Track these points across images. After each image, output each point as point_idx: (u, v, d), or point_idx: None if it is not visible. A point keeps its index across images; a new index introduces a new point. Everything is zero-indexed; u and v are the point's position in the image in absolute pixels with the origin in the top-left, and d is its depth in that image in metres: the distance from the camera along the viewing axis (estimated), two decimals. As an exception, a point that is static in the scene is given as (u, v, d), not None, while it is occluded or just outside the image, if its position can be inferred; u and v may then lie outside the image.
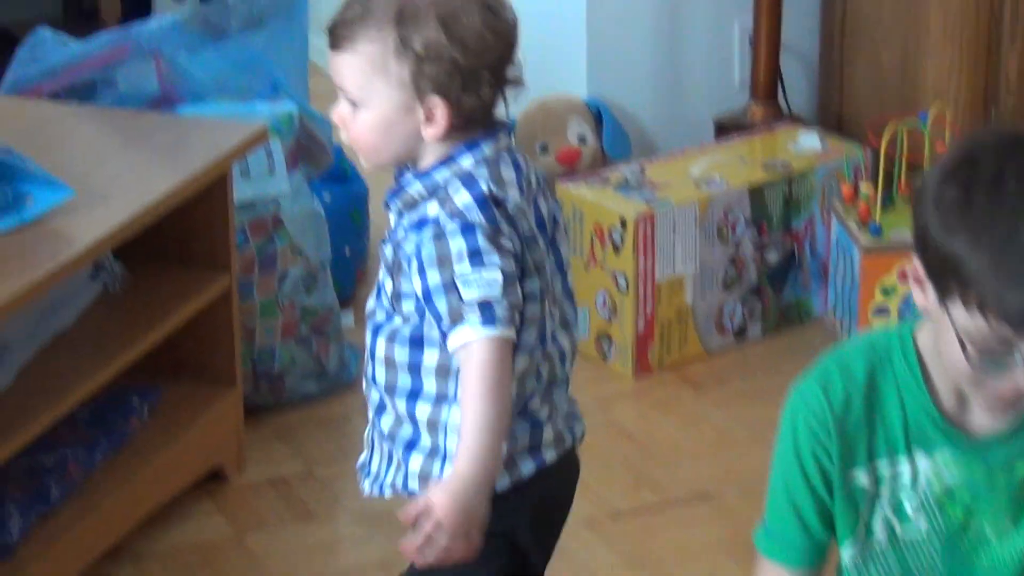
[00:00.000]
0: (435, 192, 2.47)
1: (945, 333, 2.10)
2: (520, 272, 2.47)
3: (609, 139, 4.44)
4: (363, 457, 2.70)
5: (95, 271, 3.34)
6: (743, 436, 3.74)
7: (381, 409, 2.61)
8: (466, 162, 2.44)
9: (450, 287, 2.42)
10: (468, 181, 2.45)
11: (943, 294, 2.07)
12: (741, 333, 4.10)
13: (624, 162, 4.26)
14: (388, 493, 2.64)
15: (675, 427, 3.83)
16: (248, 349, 3.78)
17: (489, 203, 2.42)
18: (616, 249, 3.92)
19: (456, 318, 2.41)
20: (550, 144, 4.41)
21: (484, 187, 2.43)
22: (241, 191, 3.65)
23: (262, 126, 3.56)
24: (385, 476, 2.64)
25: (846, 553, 2.30)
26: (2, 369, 3.14)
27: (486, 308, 2.41)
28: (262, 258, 3.80)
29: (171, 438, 3.39)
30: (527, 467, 2.58)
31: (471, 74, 2.39)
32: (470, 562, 2.50)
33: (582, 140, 4.41)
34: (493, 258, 2.40)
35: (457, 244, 2.42)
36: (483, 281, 2.41)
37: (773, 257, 4.09)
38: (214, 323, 3.54)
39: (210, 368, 3.60)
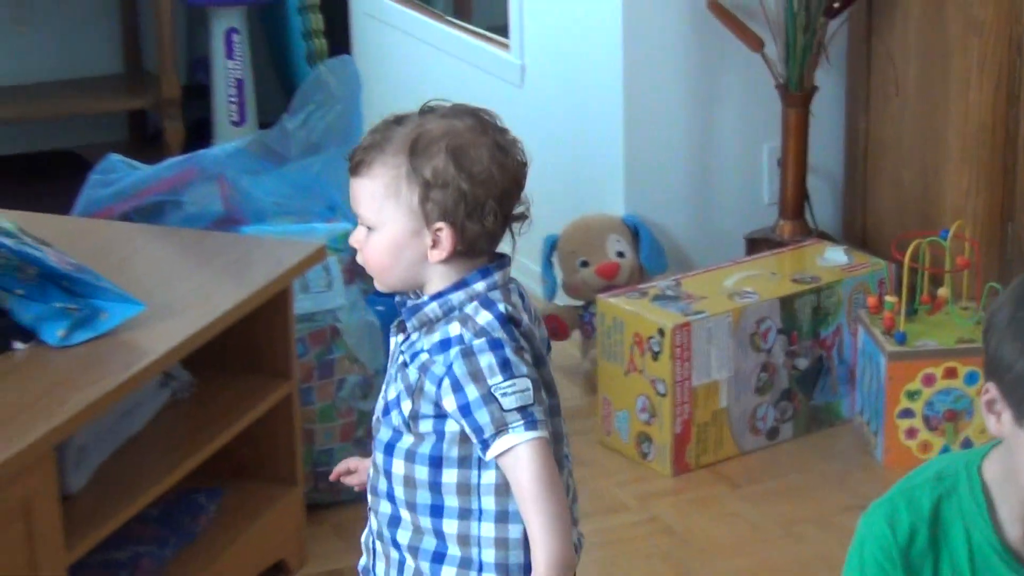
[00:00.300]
0: (451, 313, 2.47)
1: (1021, 454, 2.16)
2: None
3: (646, 254, 4.47)
4: (364, 562, 2.68)
5: (165, 379, 3.37)
6: (775, 531, 3.74)
7: (395, 522, 2.56)
8: (479, 286, 2.45)
9: (489, 399, 2.41)
10: (486, 302, 2.46)
11: (1022, 414, 2.13)
12: (773, 434, 4.13)
13: (661, 276, 4.32)
14: None
15: (712, 522, 3.82)
16: (308, 450, 3.78)
17: (509, 322, 2.44)
18: (655, 356, 3.96)
19: (500, 427, 2.40)
20: (590, 259, 4.43)
21: (502, 308, 2.44)
22: (301, 304, 3.68)
23: (320, 244, 3.60)
24: None
25: None
26: (79, 470, 3.16)
27: (527, 414, 2.40)
28: (321, 366, 3.82)
29: (236, 534, 3.40)
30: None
31: (476, 203, 2.39)
32: None
33: (621, 255, 4.43)
34: (522, 368, 2.39)
35: (487, 359, 2.42)
36: (518, 389, 2.41)
37: (803, 363, 4.13)
38: (276, 426, 3.55)
39: (272, 468, 3.60)
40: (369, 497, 2.62)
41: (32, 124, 5.94)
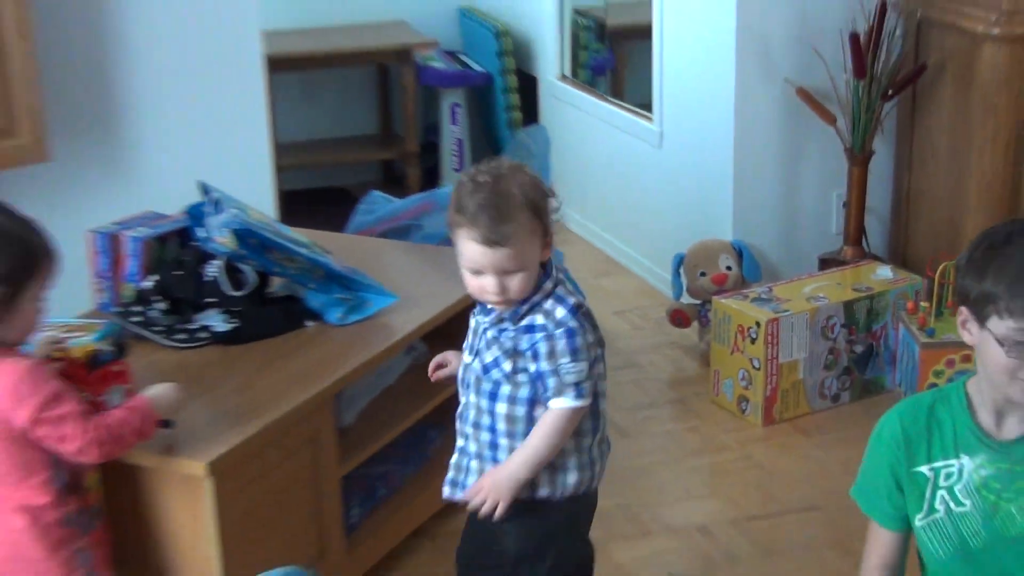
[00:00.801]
0: (534, 308, 2.50)
1: (987, 350, 2.16)
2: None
3: (747, 268, 4.45)
4: (452, 476, 2.67)
5: (409, 349, 3.39)
6: (836, 468, 3.71)
7: (495, 447, 2.58)
8: (548, 285, 2.49)
9: (555, 373, 2.49)
10: (558, 298, 2.50)
11: (983, 321, 2.15)
12: (836, 399, 4.10)
13: (757, 284, 4.31)
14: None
15: (790, 460, 3.81)
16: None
17: (578, 311, 2.49)
18: (752, 341, 3.96)
19: (557, 392, 2.49)
20: (707, 271, 4.41)
21: (572, 301, 2.50)
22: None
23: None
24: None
25: (917, 522, 2.30)
26: (349, 411, 3.20)
27: (578, 388, 2.49)
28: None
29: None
30: (582, 487, 2.61)
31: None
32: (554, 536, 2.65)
33: (729, 268, 4.41)
34: (584, 354, 2.48)
35: (561, 344, 2.48)
36: (576, 370, 2.48)
37: (859, 349, 4.11)
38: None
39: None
40: (469, 429, 2.62)
41: (315, 169, 6.03)
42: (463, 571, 2.82)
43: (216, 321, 3.14)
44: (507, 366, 2.53)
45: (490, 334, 2.55)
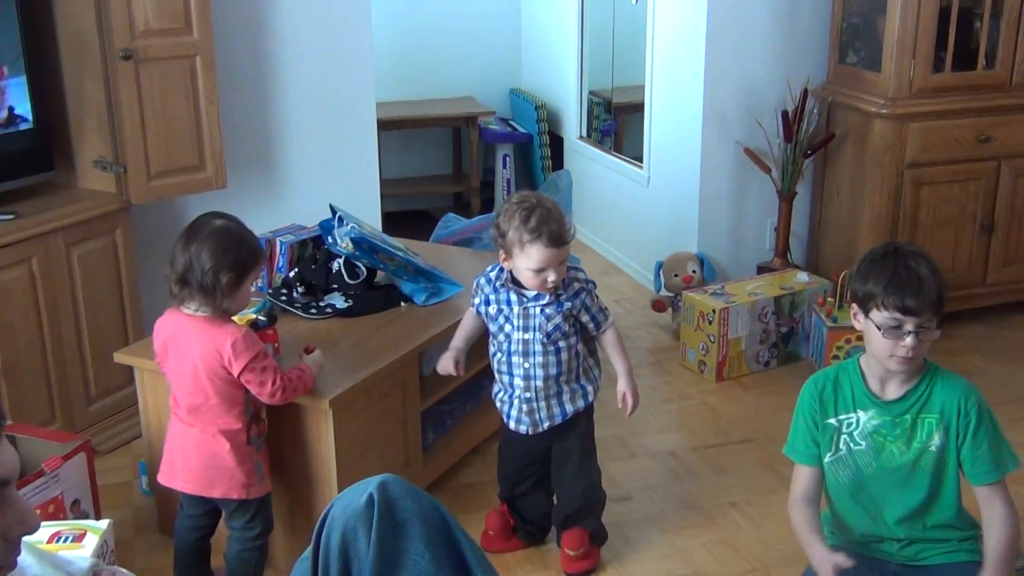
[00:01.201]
0: (572, 281, 2.58)
1: (870, 333, 2.18)
2: None
3: (707, 272, 4.38)
4: (523, 417, 2.65)
5: None
6: (767, 412, 3.66)
7: (560, 393, 2.63)
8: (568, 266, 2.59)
9: (599, 311, 2.61)
10: (575, 269, 2.62)
11: (866, 313, 2.17)
12: (767, 364, 4.02)
13: (714, 283, 4.23)
14: (558, 420, 2.66)
15: (735, 407, 3.75)
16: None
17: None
18: (710, 323, 3.89)
19: (603, 322, 2.61)
20: (679, 273, 4.35)
21: (582, 270, 2.65)
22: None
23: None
24: (555, 414, 2.65)
25: (827, 459, 2.29)
26: (429, 365, 3.10)
27: (609, 313, 2.66)
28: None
29: None
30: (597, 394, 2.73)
31: None
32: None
33: (694, 272, 4.35)
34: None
35: (594, 293, 2.61)
36: (604, 304, 2.65)
37: (784, 330, 4.03)
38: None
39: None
40: (537, 381, 2.61)
41: (409, 197, 6.00)
42: (512, 480, 2.81)
43: (338, 301, 3.13)
44: (566, 326, 2.56)
45: (549, 310, 2.55)
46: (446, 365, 2.70)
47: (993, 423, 2.24)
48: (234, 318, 2.54)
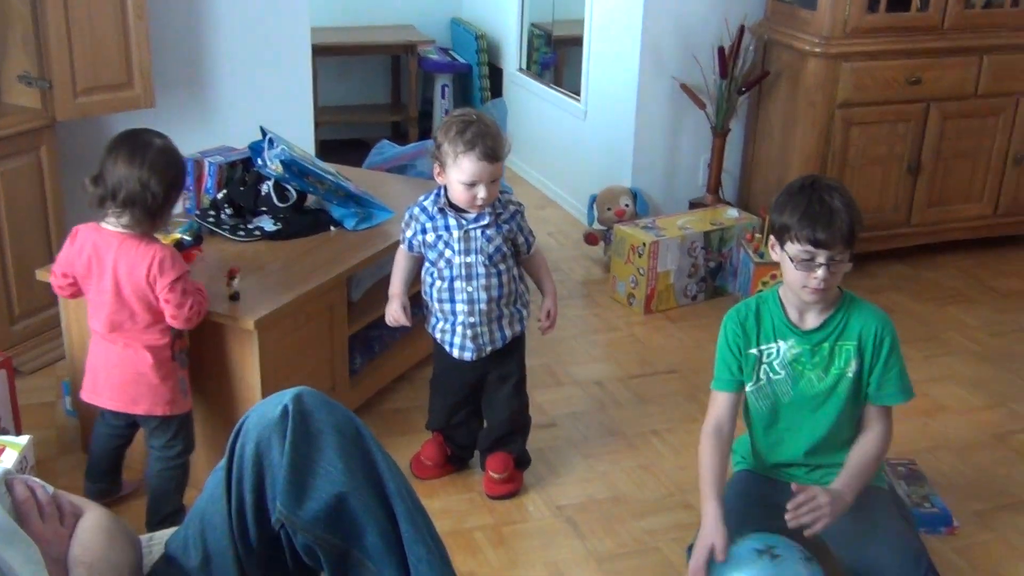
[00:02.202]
0: (505, 203, 2.61)
1: (785, 264, 2.23)
2: None
3: (640, 206, 4.40)
4: (468, 344, 2.66)
5: None
6: (692, 344, 3.71)
7: (499, 307, 2.65)
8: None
9: (529, 231, 2.66)
10: (506, 191, 2.65)
11: (782, 243, 2.21)
12: (695, 298, 4.07)
13: (646, 217, 4.25)
14: (499, 344, 2.69)
15: (661, 338, 3.79)
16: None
17: None
18: (640, 256, 3.92)
19: (532, 241, 2.66)
20: (612, 207, 4.36)
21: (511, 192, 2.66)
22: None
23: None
24: (496, 339, 2.68)
25: (748, 388, 2.35)
26: (358, 290, 3.16)
27: (535, 237, 2.70)
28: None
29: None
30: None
31: None
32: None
33: (627, 206, 4.36)
34: None
35: (525, 215, 2.65)
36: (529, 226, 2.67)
37: (712, 264, 4.07)
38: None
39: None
40: (481, 304, 2.62)
41: (344, 125, 5.94)
42: (449, 412, 2.85)
43: (267, 224, 3.11)
44: (505, 247, 2.59)
45: (490, 232, 2.57)
46: (396, 316, 2.69)
47: (898, 350, 2.32)
48: (160, 237, 2.51)
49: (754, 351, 2.32)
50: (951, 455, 3.06)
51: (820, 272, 2.16)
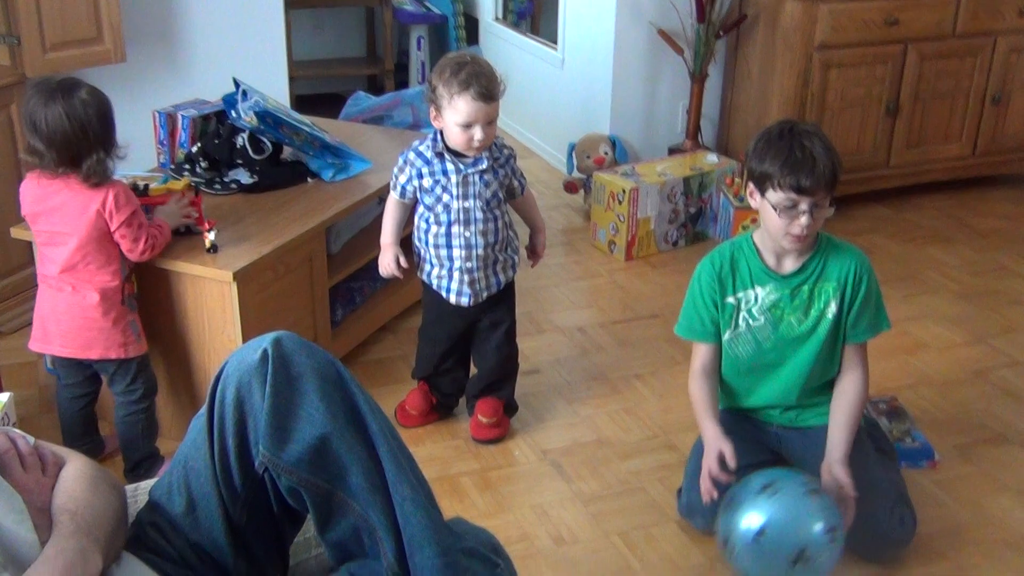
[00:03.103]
0: (500, 147, 2.60)
1: (766, 212, 2.21)
2: None
3: (619, 153, 4.39)
4: (465, 289, 2.66)
5: (379, 200, 3.23)
6: (674, 289, 3.71)
7: (496, 262, 2.66)
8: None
9: (521, 173, 2.66)
10: (500, 138, 2.61)
11: (763, 191, 2.19)
12: (675, 244, 4.07)
13: (625, 164, 4.24)
14: (495, 289, 2.70)
15: (642, 284, 3.79)
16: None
17: None
18: (620, 203, 3.92)
19: (524, 182, 2.67)
20: (591, 154, 4.35)
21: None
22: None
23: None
24: (492, 284, 2.69)
25: (725, 336, 2.36)
26: (337, 242, 3.17)
27: (525, 178, 2.67)
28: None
29: (413, 275, 3.40)
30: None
31: None
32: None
33: (606, 153, 4.35)
34: None
35: (516, 159, 2.65)
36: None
37: (692, 210, 4.07)
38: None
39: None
40: (479, 249, 2.61)
41: (319, 79, 5.89)
42: (438, 359, 2.84)
43: (243, 176, 3.08)
44: (501, 192, 2.59)
45: (488, 176, 2.56)
46: (389, 267, 2.69)
47: (878, 288, 2.34)
48: (171, 184, 2.58)
49: (731, 299, 2.33)
50: (932, 391, 3.08)
51: (803, 219, 2.15)
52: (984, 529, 2.49)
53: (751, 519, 2.10)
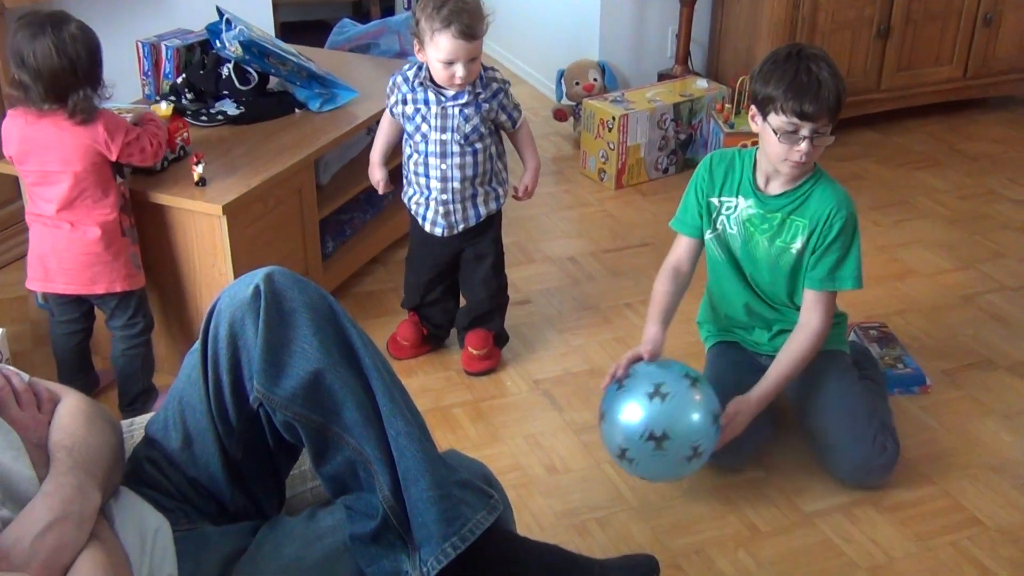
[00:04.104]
0: (488, 80, 2.55)
1: (766, 136, 2.22)
2: None
3: (608, 80, 4.35)
4: (439, 220, 2.65)
5: (368, 130, 3.26)
6: (664, 217, 3.56)
7: (475, 195, 2.65)
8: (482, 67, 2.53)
9: (514, 108, 2.62)
10: (490, 69, 2.56)
11: (764, 114, 2.19)
12: (665, 171, 4.06)
13: (615, 91, 4.21)
14: (472, 222, 2.68)
15: (632, 212, 3.79)
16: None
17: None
18: (609, 130, 3.90)
19: (517, 116, 2.61)
20: (580, 81, 4.32)
21: (497, 70, 2.58)
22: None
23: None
24: (470, 216, 2.67)
25: (707, 236, 2.40)
26: (326, 173, 3.15)
27: (522, 110, 2.64)
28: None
29: (398, 210, 3.35)
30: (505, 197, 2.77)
31: None
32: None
33: (595, 80, 4.32)
34: None
35: (510, 92, 2.60)
36: (516, 101, 2.64)
37: (682, 136, 4.05)
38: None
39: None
40: (454, 183, 2.60)
41: (307, 6, 5.79)
42: (423, 289, 2.85)
43: (229, 107, 3.05)
44: (483, 127, 2.54)
45: (468, 111, 2.52)
46: (376, 182, 2.74)
47: (853, 241, 2.30)
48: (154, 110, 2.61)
49: (715, 200, 2.36)
50: (920, 317, 3.10)
51: (803, 145, 2.15)
52: (969, 453, 2.53)
53: (646, 428, 2.11)
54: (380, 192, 2.77)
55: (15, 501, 1.35)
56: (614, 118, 3.86)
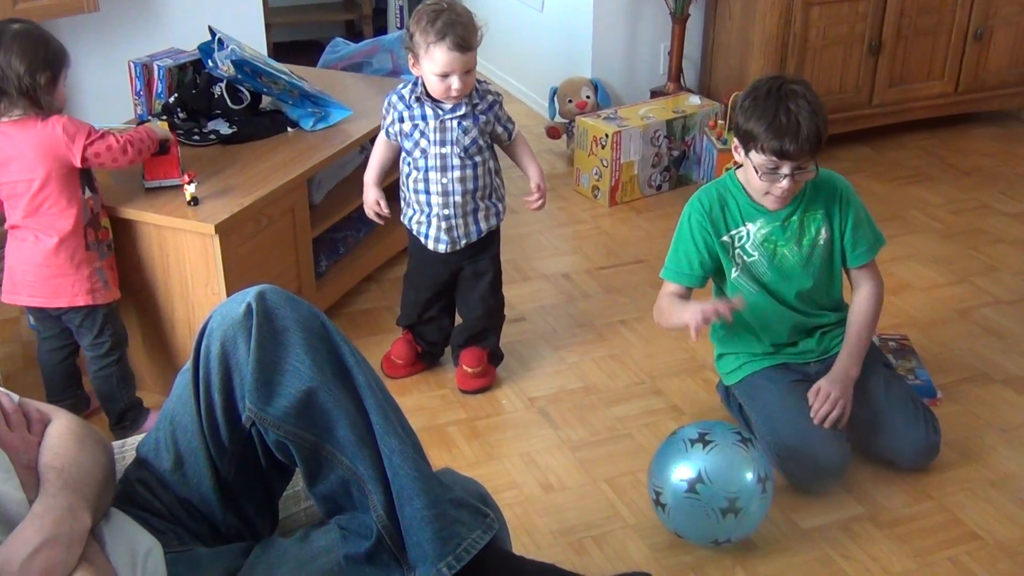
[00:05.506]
0: (483, 94, 2.56)
1: (749, 170, 2.22)
2: None
3: (601, 97, 4.35)
4: (442, 236, 2.65)
5: (361, 149, 3.29)
6: (658, 234, 3.70)
7: (475, 191, 2.64)
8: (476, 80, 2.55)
9: (508, 120, 2.62)
10: (483, 83, 2.57)
11: (747, 150, 2.20)
12: (659, 188, 4.05)
13: (608, 108, 4.20)
14: (474, 237, 2.68)
15: (626, 230, 3.78)
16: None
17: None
18: (603, 147, 3.89)
19: (512, 128, 2.62)
20: (573, 99, 4.32)
21: (490, 83, 2.61)
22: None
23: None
24: (472, 232, 2.67)
25: (733, 275, 2.38)
26: (319, 192, 3.14)
27: (514, 122, 2.65)
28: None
29: (394, 227, 3.26)
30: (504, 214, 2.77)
31: None
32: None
33: (588, 97, 4.32)
34: None
35: (502, 104, 2.61)
36: (508, 114, 2.64)
37: (675, 153, 4.05)
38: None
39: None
40: (456, 196, 2.60)
41: (299, 26, 5.81)
42: (421, 307, 2.84)
43: (221, 126, 3.04)
44: (481, 140, 2.55)
45: (466, 123, 2.53)
46: (369, 208, 2.71)
47: (864, 206, 2.41)
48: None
49: (726, 238, 2.35)
50: (916, 331, 3.10)
51: (784, 183, 2.20)
52: (968, 468, 2.52)
53: (683, 471, 2.11)
54: (379, 215, 2.72)
55: (4, 523, 1.33)
56: (607, 135, 3.86)
